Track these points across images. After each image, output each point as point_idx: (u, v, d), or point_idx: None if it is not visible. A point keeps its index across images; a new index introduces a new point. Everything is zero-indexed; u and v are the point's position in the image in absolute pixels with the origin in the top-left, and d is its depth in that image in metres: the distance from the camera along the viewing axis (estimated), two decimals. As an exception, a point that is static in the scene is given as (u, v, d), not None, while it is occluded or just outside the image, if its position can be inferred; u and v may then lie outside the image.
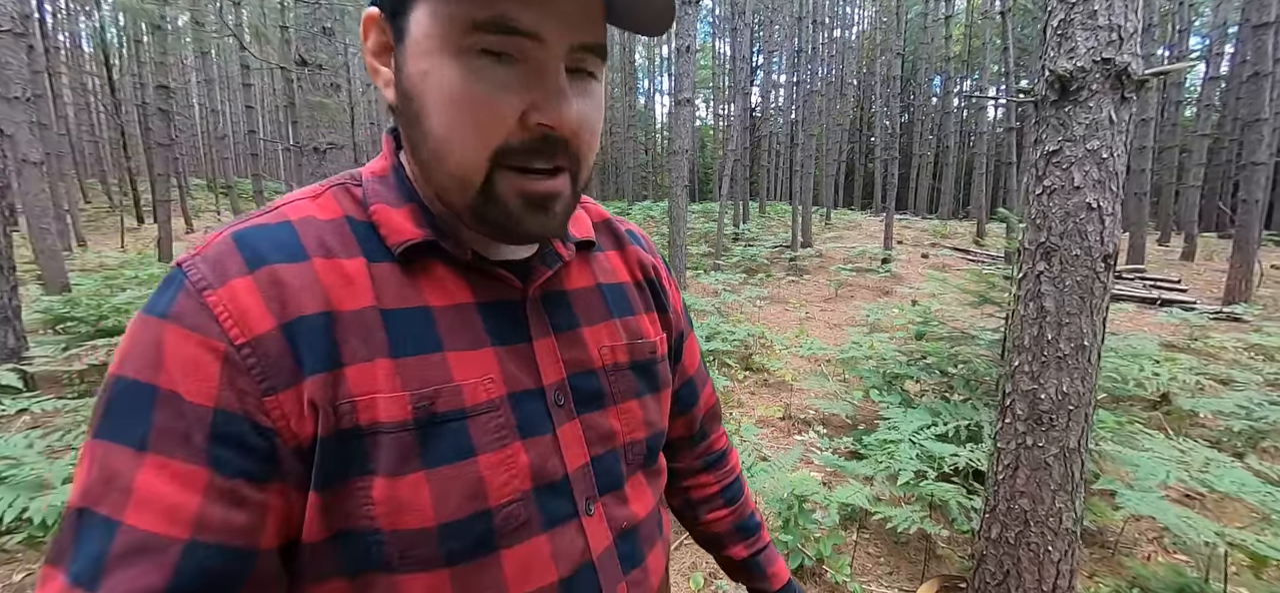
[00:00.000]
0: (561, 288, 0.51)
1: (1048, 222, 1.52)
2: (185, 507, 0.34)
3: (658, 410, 0.55)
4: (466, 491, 0.41)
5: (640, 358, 0.54)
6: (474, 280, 0.45)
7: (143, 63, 16.66)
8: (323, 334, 0.38)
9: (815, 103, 14.70)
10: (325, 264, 0.40)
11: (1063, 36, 1.50)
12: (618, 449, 0.51)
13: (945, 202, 18.60)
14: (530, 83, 0.38)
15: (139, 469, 0.34)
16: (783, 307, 7.35)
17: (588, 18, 0.39)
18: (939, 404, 2.87)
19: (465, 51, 0.37)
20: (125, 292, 5.51)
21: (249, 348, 0.36)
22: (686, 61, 6.35)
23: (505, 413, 0.43)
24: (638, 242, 0.61)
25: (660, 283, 0.61)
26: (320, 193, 0.44)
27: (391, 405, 0.39)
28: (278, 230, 0.40)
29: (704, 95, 33.44)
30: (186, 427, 0.34)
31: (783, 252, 11.04)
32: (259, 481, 0.36)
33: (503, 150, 0.39)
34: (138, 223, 14.90)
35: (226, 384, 0.35)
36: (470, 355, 0.43)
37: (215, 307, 0.36)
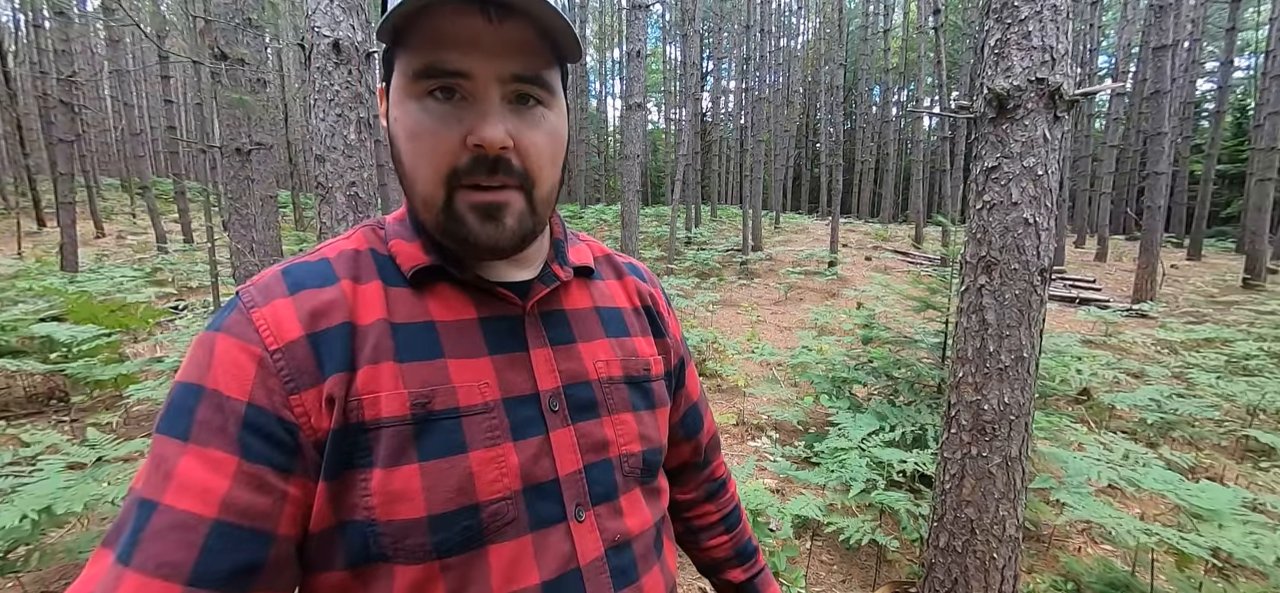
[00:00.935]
0: (560, 307, 0.55)
1: (988, 236, 1.56)
2: (216, 489, 0.39)
3: (654, 427, 0.58)
4: (456, 484, 0.44)
5: (634, 374, 0.57)
6: (477, 298, 0.51)
7: (43, 50, 15.14)
8: (343, 342, 0.45)
9: (763, 109, 15.03)
10: (351, 286, 0.48)
11: (1000, 56, 1.54)
12: (611, 460, 0.53)
13: (886, 206, 19.46)
14: (466, 113, 0.45)
15: (181, 456, 0.40)
16: (734, 311, 7.43)
17: (517, 52, 0.44)
18: (886, 408, 2.94)
19: (418, 96, 0.45)
20: (18, 306, 4.94)
21: (280, 353, 0.43)
22: (637, 66, 6.32)
23: (499, 415, 0.47)
24: (637, 273, 0.66)
25: (657, 310, 0.65)
26: (352, 234, 0.53)
27: (392, 402, 0.44)
28: (318, 265, 0.49)
29: (655, 99, 33.67)
30: (223, 419, 0.41)
31: (734, 255, 11.22)
32: (281, 470, 0.41)
33: (454, 172, 0.45)
34: (38, 226, 13.49)
35: (259, 383, 0.42)
36: (468, 363, 0.48)
37: (258, 320, 0.44)
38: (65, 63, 9.65)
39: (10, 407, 3.66)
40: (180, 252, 11.02)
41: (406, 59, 0.45)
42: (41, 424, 3.30)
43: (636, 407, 0.57)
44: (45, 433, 2.63)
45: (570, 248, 0.60)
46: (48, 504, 1.67)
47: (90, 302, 5.01)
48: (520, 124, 0.45)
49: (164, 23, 10.79)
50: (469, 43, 0.43)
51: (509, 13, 0.43)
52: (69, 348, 3.84)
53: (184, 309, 6.51)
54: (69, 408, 3.68)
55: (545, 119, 0.47)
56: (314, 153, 2.16)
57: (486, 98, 0.44)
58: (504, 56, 0.44)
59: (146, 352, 4.76)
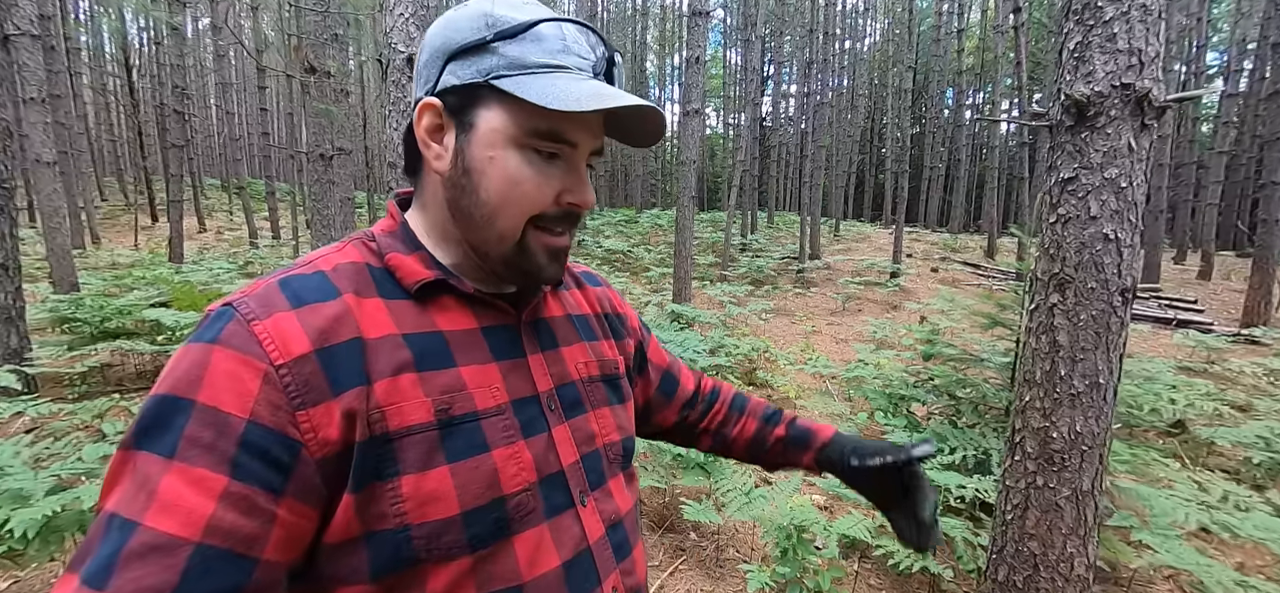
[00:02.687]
0: (543, 316, 0.61)
1: (1062, 252, 1.46)
2: (200, 510, 0.38)
3: (626, 418, 0.65)
4: (485, 480, 0.48)
5: (607, 372, 0.65)
6: (477, 309, 0.55)
7: (161, 64, 16.91)
8: (355, 357, 0.46)
9: (825, 114, 14.62)
10: (354, 301, 0.48)
11: (1080, 60, 1.44)
12: (599, 450, 0.59)
13: (956, 215, 18.43)
14: (564, 174, 0.52)
15: (165, 474, 0.38)
16: (788, 320, 7.27)
17: (601, 132, 0.54)
18: (946, 429, 2.79)
19: (525, 147, 0.50)
20: (132, 292, 5.54)
21: (287, 368, 0.42)
22: (696, 72, 6.32)
23: (510, 416, 0.52)
24: (593, 281, 0.74)
25: (615, 310, 0.73)
26: (343, 246, 0.54)
27: (417, 410, 0.46)
28: (314, 278, 0.49)
29: (714, 104, 33.43)
30: (215, 436, 0.39)
31: (790, 263, 10.97)
32: (273, 492, 0.41)
33: (537, 218, 0.52)
34: (152, 221, 15.09)
35: (262, 399, 0.41)
36: (478, 369, 0.51)
37: (260, 334, 0.43)
38: (178, 76, 10.74)
39: (124, 382, 4.11)
40: (269, 247, 11.99)
41: (522, 114, 0.49)
42: (149, 399, 3.68)
43: (612, 401, 0.64)
44: (151, 408, 2.94)
45: None
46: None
47: (192, 290, 5.55)
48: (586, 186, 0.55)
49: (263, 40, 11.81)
50: (582, 125, 0.51)
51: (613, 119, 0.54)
52: (173, 332, 4.27)
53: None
54: (171, 386, 4.08)
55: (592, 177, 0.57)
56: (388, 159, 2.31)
57: (581, 167, 0.53)
58: (596, 135, 0.53)
59: (237, 338, 5.19)
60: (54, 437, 2.80)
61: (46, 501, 1.72)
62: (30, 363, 3.55)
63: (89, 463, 2.02)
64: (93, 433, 2.90)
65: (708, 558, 2.37)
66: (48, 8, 9.57)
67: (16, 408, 2.60)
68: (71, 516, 1.81)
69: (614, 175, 29.85)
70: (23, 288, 3.76)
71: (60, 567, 2.20)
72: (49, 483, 1.84)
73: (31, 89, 5.66)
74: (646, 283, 9.13)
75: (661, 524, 2.58)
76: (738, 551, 2.44)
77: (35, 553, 1.84)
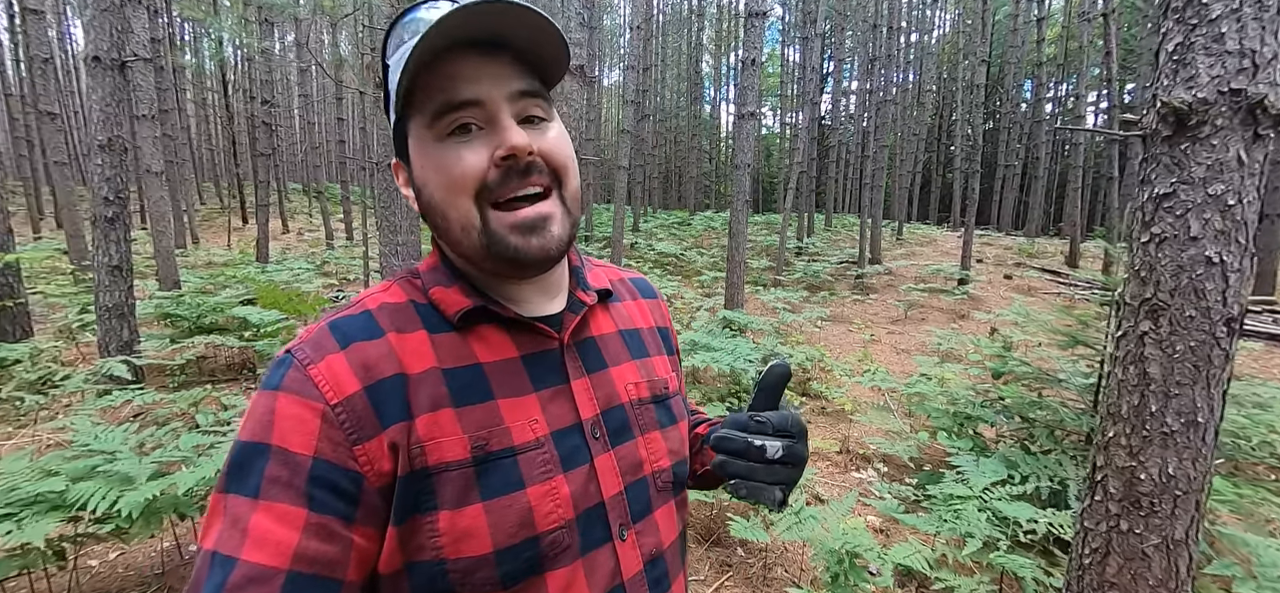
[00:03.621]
0: (590, 335, 0.58)
1: (1155, 275, 1.32)
2: (287, 541, 0.42)
3: (679, 440, 0.61)
4: (518, 518, 0.47)
5: (658, 393, 0.61)
6: (517, 336, 0.53)
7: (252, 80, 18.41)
8: (398, 392, 0.47)
9: (888, 111, 14.00)
10: (397, 338, 0.50)
11: (1180, 63, 1.31)
12: (646, 478, 0.56)
13: (1033, 218, 17.18)
14: (487, 137, 0.49)
15: (253, 513, 0.42)
16: (845, 328, 7.01)
17: (515, 73, 0.49)
18: (1017, 454, 2.60)
19: (440, 137, 0.49)
20: (224, 291, 6.05)
21: (341, 406, 0.45)
22: (751, 74, 6.21)
23: (549, 449, 0.50)
24: (648, 292, 0.71)
25: (667, 327, 0.70)
26: (388, 286, 0.55)
27: (454, 447, 0.47)
28: (360, 318, 0.51)
29: (771, 103, 32.76)
30: (290, 474, 0.43)
31: (848, 268, 10.58)
32: (346, 519, 0.44)
33: (483, 189, 0.48)
34: (242, 223, 16.44)
35: (323, 437, 0.44)
36: (517, 401, 0.51)
37: (316, 377, 0.46)
38: (266, 91, 11.63)
39: (216, 373, 4.49)
40: (343, 248, 12.79)
41: (421, 113, 0.49)
42: (235, 389, 4.00)
43: (662, 424, 0.60)
44: (237, 398, 3.21)
45: (588, 273, 0.63)
46: (234, 464, 2.03)
47: (275, 290, 6.00)
48: (535, 135, 0.50)
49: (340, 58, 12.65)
50: (473, 77, 0.48)
51: (500, 48, 0.49)
52: (258, 328, 4.63)
53: (341, 298, 7.53)
54: (255, 378, 4.42)
55: (552, 128, 0.52)
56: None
57: (501, 116, 0.48)
58: (505, 79, 0.49)
59: (313, 335, 5.57)
60: (156, 423, 3.10)
61: (148, 485, 1.90)
62: (138, 355, 3.94)
63: (184, 452, 2.22)
64: (188, 421, 3.20)
65: (754, 576, 2.32)
66: (158, 33, 10.60)
67: (127, 396, 2.89)
68: (168, 499, 2.00)
69: (668, 177, 29.84)
70: (134, 286, 4.18)
71: (160, 542, 2.43)
72: (150, 468, 2.03)
73: (143, 107, 6.31)
74: (698, 287, 9.06)
75: (708, 538, 2.55)
76: (786, 570, 2.38)
77: (138, 530, 2.05)
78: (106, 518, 1.94)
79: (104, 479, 1.99)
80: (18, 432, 3.32)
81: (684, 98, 26.97)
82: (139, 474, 1.98)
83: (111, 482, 1.98)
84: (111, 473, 2.03)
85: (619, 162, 9.49)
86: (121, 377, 3.54)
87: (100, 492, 1.89)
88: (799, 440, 0.55)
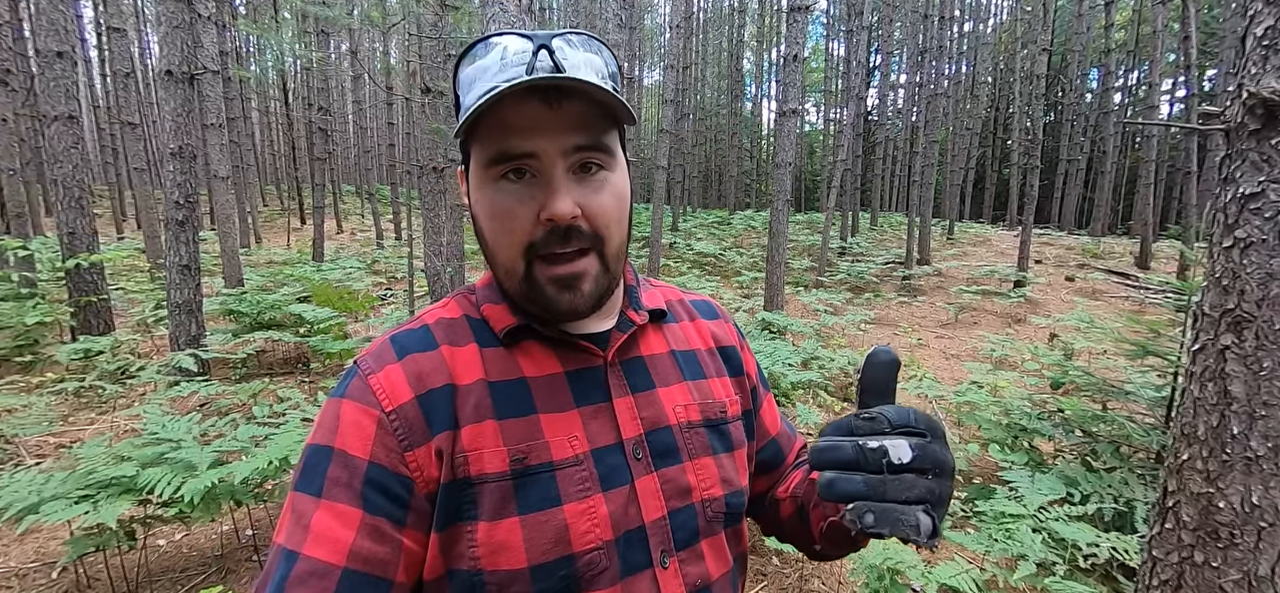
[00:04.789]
0: (639, 354, 0.58)
1: (1239, 284, 1.20)
2: (344, 539, 0.44)
3: (734, 470, 0.58)
4: (553, 535, 0.47)
5: (712, 417, 0.58)
6: (562, 353, 0.54)
7: (310, 87, 19.39)
8: (447, 402, 0.49)
9: (940, 105, 13.43)
10: (450, 351, 0.52)
11: (1270, 49, 1.19)
12: (694, 505, 0.54)
13: (1099, 215, 16.13)
14: (537, 190, 0.48)
15: (316, 511, 0.45)
16: (891, 331, 6.77)
17: (575, 128, 0.48)
18: (1078, 471, 2.43)
19: (495, 179, 0.49)
20: (283, 289, 6.39)
21: (395, 414, 0.47)
22: (793, 71, 6.07)
23: (588, 467, 0.50)
24: (709, 313, 0.68)
25: (732, 347, 0.66)
26: (447, 302, 0.58)
27: (494, 459, 0.48)
28: (419, 332, 0.53)
29: (814, 99, 32.01)
30: (349, 476, 0.45)
31: (894, 269, 10.21)
32: (397, 522, 0.46)
33: (531, 246, 0.49)
34: (301, 223, 17.31)
35: (378, 442, 0.47)
36: (558, 417, 0.51)
37: (375, 386, 0.49)
38: (322, 98, 12.20)
39: (273, 367, 4.74)
40: (392, 247, 13.28)
41: (480, 149, 0.49)
42: (290, 383, 4.21)
43: (716, 450, 0.57)
44: (292, 391, 3.37)
45: (643, 293, 0.62)
46: (286, 455, 2.13)
47: (328, 288, 6.28)
48: (585, 191, 0.49)
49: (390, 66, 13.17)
50: (532, 128, 0.47)
51: (565, 96, 0.47)
52: (312, 325, 4.86)
53: (388, 297, 7.82)
54: (309, 373, 4.64)
55: (608, 182, 0.51)
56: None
57: (553, 173, 0.48)
58: (564, 133, 0.48)
59: (361, 331, 5.81)
60: (218, 414, 3.30)
61: (208, 473, 2.01)
62: (204, 348, 4.20)
63: (242, 442, 2.35)
64: (246, 412, 3.39)
65: (790, 587, 2.26)
66: (226, 46, 11.28)
67: (193, 387, 3.09)
68: (226, 487, 2.12)
69: (708, 176, 29.61)
70: (201, 284, 4.46)
71: (220, 526, 2.58)
72: (210, 457, 2.15)
73: (211, 116, 6.72)
74: (738, 287, 8.94)
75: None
76: (823, 583, 2.31)
77: (199, 515, 2.17)
78: (171, 502, 2.06)
79: (170, 466, 2.12)
80: (99, 417, 3.60)
81: (724, 96, 26.65)
82: (201, 462, 2.10)
83: (176, 468, 2.11)
84: (176, 460, 2.17)
85: (658, 161, 9.47)
86: (189, 369, 3.79)
87: (166, 478, 2.02)
88: (935, 440, 0.41)
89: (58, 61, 4.84)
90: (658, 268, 9.05)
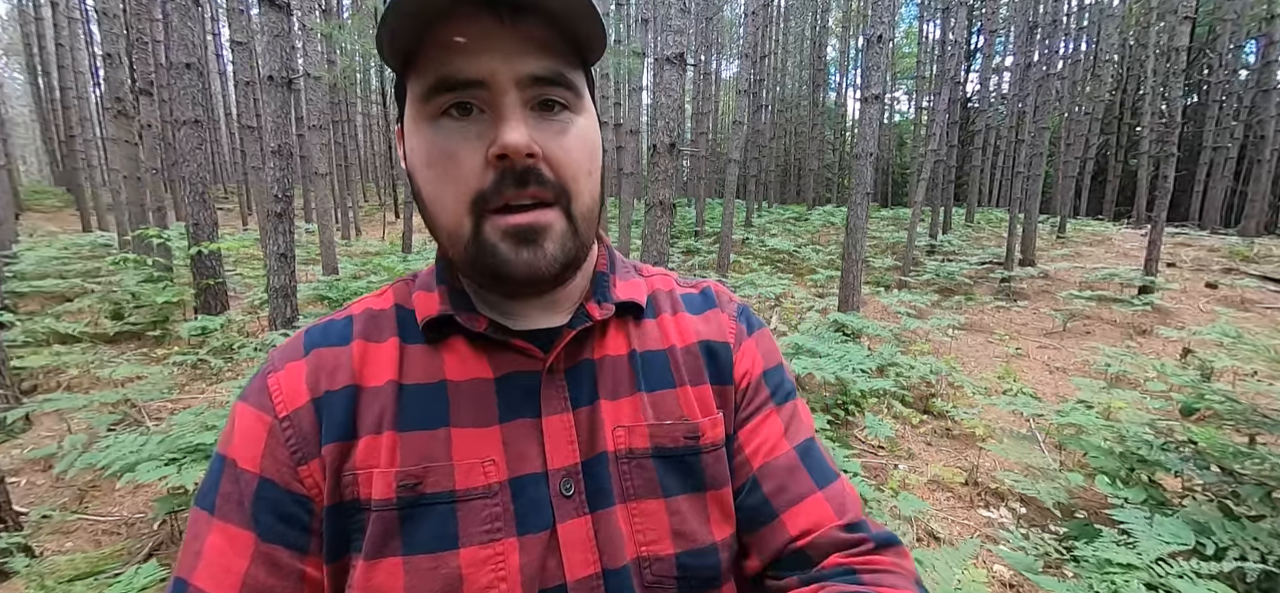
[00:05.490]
0: (590, 357, 0.46)
1: None
2: (236, 569, 0.38)
3: (700, 518, 0.43)
4: (442, 587, 0.37)
5: (667, 444, 0.44)
6: (493, 355, 0.44)
7: (405, 89, 20.83)
8: (345, 407, 0.41)
9: (1052, 87, 12.03)
10: (362, 347, 0.44)
11: None
12: (628, 565, 0.41)
13: (1254, 211, 13.79)
14: (486, 128, 0.39)
15: (209, 533, 0.39)
16: (984, 338, 6.15)
17: (535, 52, 0.39)
18: (1212, 517, 2.03)
19: (433, 117, 0.40)
20: (372, 277, 6.86)
21: (288, 421, 0.41)
22: (876, 53, 5.66)
23: (503, 501, 0.40)
24: (706, 303, 0.53)
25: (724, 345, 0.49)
26: (384, 290, 0.49)
27: (382, 481, 0.39)
28: (340, 323, 0.46)
29: (905, 86, 29.99)
30: (240, 492, 0.39)
31: (992, 270, 9.31)
32: (296, 549, 0.39)
33: (480, 197, 0.39)
34: (396, 218, 18.67)
35: (268, 454, 0.40)
36: (475, 433, 0.41)
37: (272, 386, 0.42)
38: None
39: (357, 351, 5.11)
40: (472, 240, 13.96)
41: (417, 81, 0.40)
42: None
43: (668, 491, 0.43)
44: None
45: (620, 282, 0.50)
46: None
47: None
48: (546, 131, 0.40)
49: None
50: (480, 48, 0.38)
51: (522, 12, 0.38)
52: (390, 313, 5.18)
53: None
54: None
55: (573, 123, 0.42)
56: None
57: (505, 104, 0.38)
58: (520, 57, 0.38)
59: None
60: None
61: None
62: (295, 329, 4.59)
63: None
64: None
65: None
66: (333, 54, 12.30)
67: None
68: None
69: (786, 170, 28.65)
70: (297, 271, 4.86)
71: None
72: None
73: (313, 118, 7.33)
74: (812, 285, 8.54)
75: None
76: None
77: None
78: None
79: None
80: (209, 388, 4.02)
81: (805, 86, 25.55)
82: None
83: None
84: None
85: (731, 154, 9.23)
86: (281, 350, 4.14)
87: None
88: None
89: (186, 72, 5.46)
90: (727, 264, 8.83)
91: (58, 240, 8.30)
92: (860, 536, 0.44)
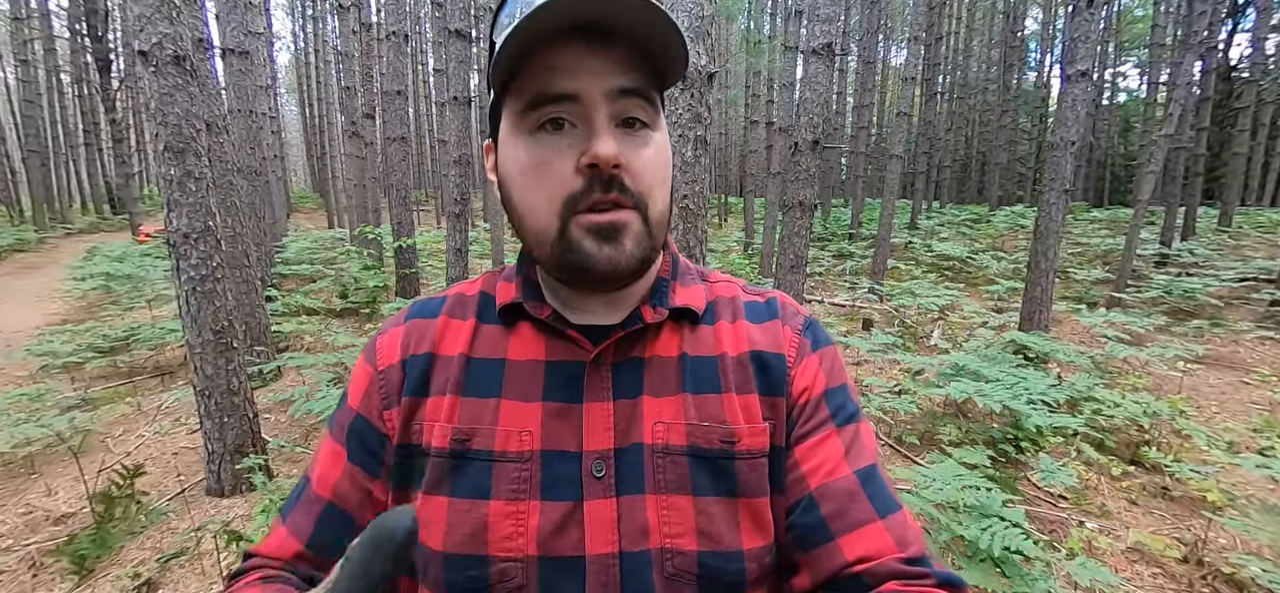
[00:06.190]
0: (639, 355, 0.49)
1: None
2: (331, 477, 0.50)
3: (730, 523, 0.45)
4: (472, 528, 0.44)
5: (704, 445, 0.46)
6: (550, 341, 0.50)
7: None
8: (423, 368, 0.50)
9: (1374, 47, 8.85)
10: (445, 322, 0.53)
11: None
12: (649, 552, 0.44)
13: None
14: (577, 141, 0.44)
15: (325, 443, 0.52)
16: (1235, 379, 4.78)
17: (620, 69, 0.44)
18: None
19: (530, 130, 0.45)
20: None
21: (383, 374, 0.51)
22: (1083, 21, 4.74)
23: (532, 469, 0.45)
24: (768, 314, 0.54)
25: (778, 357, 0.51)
26: (478, 279, 0.58)
27: (441, 433, 0.47)
28: (437, 301, 0.55)
29: (1136, 57, 24.47)
30: (344, 420, 0.51)
31: (1255, 289, 7.20)
32: (369, 472, 0.49)
33: (569, 201, 0.44)
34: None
35: (366, 396, 0.51)
36: (518, 406, 0.47)
37: (378, 344, 0.53)
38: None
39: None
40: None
41: (515, 99, 0.46)
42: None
43: (699, 490, 0.45)
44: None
45: (680, 288, 0.54)
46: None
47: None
48: (629, 147, 0.45)
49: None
50: (573, 68, 0.43)
51: (610, 39, 0.43)
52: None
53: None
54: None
55: (651, 139, 0.47)
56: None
57: (596, 119, 0.44)
58: (608, 74, 0.43)
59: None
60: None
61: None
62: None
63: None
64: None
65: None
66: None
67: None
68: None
69: (967, 166, 25.25)
70: (469, 263, 5.58)
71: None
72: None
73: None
74: (987, 298, 7.44)
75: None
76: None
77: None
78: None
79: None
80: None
81: (995, 67, 22.14)
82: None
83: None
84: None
85: (892, 149, 8.43)
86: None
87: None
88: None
89: (397, 98, 6.56)
90: (883, 270, 8.08)
91: (310, 234, 10.60)
92: (922, 570, 0.43)
